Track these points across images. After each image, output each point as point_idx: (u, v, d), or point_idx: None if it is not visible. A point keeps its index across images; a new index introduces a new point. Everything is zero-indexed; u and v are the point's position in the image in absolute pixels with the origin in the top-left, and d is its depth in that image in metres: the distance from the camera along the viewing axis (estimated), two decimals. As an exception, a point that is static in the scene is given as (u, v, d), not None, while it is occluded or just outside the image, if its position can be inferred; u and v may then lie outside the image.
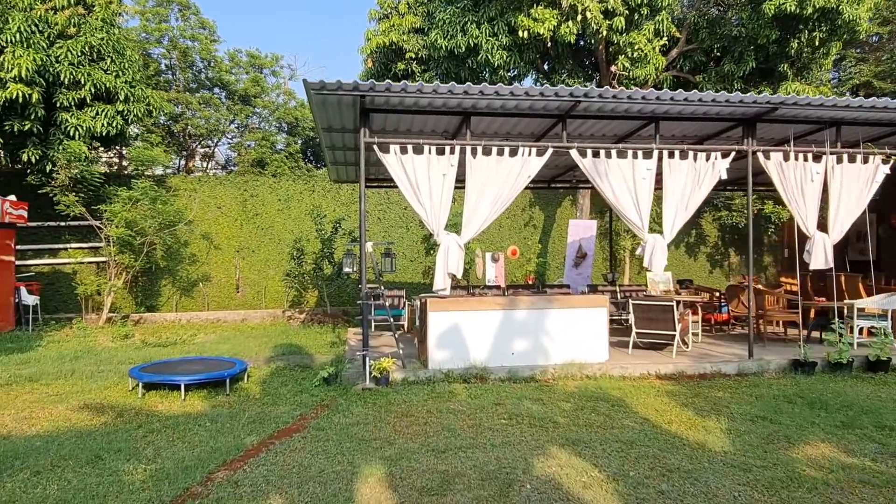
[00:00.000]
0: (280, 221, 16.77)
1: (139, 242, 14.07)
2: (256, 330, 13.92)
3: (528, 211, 18.71)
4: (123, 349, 10.62)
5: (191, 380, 7.13)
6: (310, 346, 10.98)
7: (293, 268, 15.02)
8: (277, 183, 16.91)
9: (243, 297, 16.47)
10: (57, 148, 12.60)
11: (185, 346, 11.19)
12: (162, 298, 15.87)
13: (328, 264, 15.02)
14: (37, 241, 14.99)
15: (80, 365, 8.88)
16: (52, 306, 14.97)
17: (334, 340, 11.55)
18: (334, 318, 14.65)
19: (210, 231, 16.21)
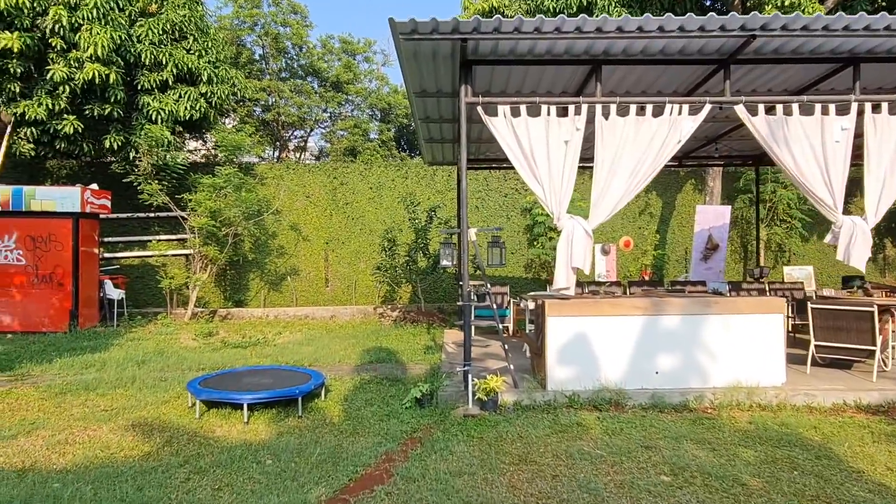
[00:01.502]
0: (371, 211, 15.54)
1: (224, 234, 13.21)
2: (345, 329, 12.71)
3: (643, 197, 16.48)
4: (199, 351, 9.62)
5: (255, 399, 5.81)
6: (402, 350, 9.55)
7: (384, 260, 13.71)
8: (368, 170, 15.68)
9: (333, 291, 15.39)
10: (139, 133, 11.88)
11: (266, 347, 10.07)
12: (250, 293, 15.07)
13: (422, 256, 13.60)
14: (127, 232, 14.54)
15: (145, 371, 7.85)
16: (141, 300, 14.49)
17: (429, 345, 10.06)
18: (429, 316, 13.21)
19: (298, 222, 15.23)
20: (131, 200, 14.32)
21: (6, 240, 11.10)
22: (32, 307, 11.15)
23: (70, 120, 11.08)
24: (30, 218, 11.11)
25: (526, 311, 8.30)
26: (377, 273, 13.74)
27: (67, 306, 11.18)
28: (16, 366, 8.18)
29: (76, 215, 11.18)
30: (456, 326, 12.22)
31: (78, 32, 10.45)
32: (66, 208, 11.02)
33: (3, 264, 11.10)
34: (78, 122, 11.17)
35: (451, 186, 15.72)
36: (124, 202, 14.32)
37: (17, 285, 11.11)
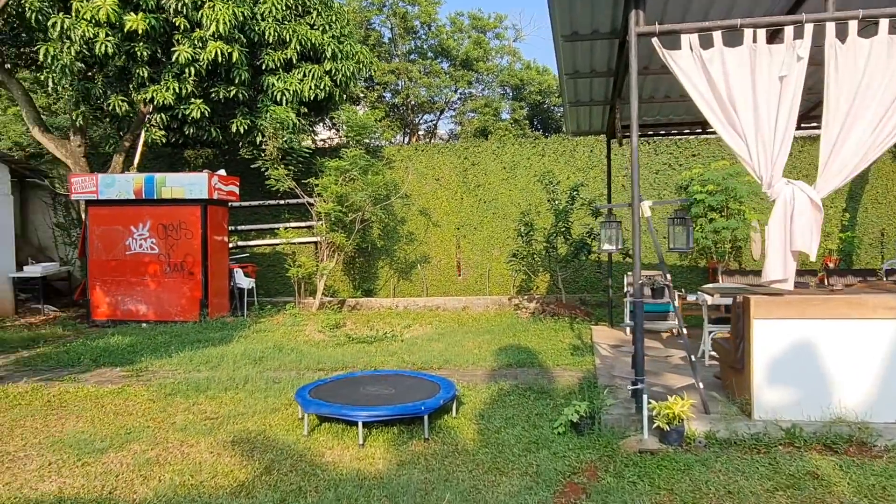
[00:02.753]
0: (505, 192, 14.23)
1: (350, 219, 12.50)
2: (478, 322, 11.53)
3: (828, 169, 13.74)
4: (321, 346, 8.84)
5: (373, 416, 4.70)
6: (544, 351, 8.16)
7: (521, 247, 12.35)
8: (501, 148, 14.36)
9: (465, 280, 14.30)
10: (264, 116, 11.39)
11: (393, 343, 9.11)
12: (379, 282, 14.35)
13: (563, 242, 12.07)
14: (258, 220, 14.34)
15: (259, 370, 7.09)
16: (272, 289, 14.24)
17: (575, 344, 8.59)
18: (570, 309, 11.69)
19: (428, 206, 14.26)
20: (262, 188, 14.06)
21: (140, 228, 11.05)
22: (165, 296, 11.03)
23: (197, 104, 10.77)
24: (161, 206, 10.97)
25: (704, 308, 6.59)
26: (512, 261, 12.42)
27: (198, 295, 10.94)
28: (136, 359, 7.78)
29: (204, 202, 10.88)
30: (604, 322, 10.62)
31: (200, 10, 10.01)
32: (195, 195, 10.75)
33: (137, 253, 11.06)
34: (205, 106, 10.84)
35: (594, 163, 14.01)
36: (255, 190, 14.10)
37: (151, 274, 11.03)
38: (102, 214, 11.16)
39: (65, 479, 4.12)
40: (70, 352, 8.20)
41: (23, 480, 4.12)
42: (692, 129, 10.70)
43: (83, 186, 11.00)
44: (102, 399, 6.07)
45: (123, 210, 11.08)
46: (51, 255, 14.62)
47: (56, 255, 14.64)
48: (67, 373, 7.21)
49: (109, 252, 11.15)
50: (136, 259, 11.08)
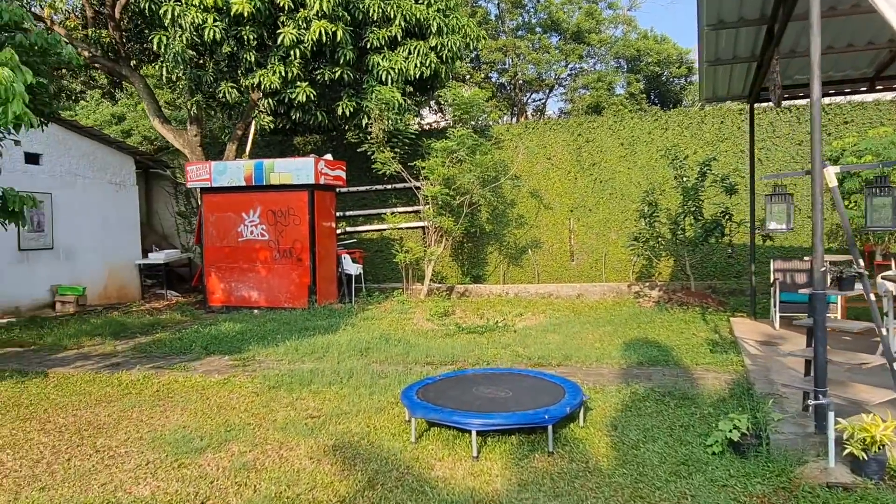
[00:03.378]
0: (622, 171, 13.13)
1: (458, 203, 11.95)
2: (596, 311, 10.65)
3: None
4: (430, 336, 8.35)
5: (489, 425, 4.08)
6: (677, 346, 7.21)
7: (642, 229, 11.27)
8: (619, 123, 13.24)
9: (578, 266, 13.38)
10: (370, 97, 11.03)
11: (505, 334, 8.47)
12: (488, 267, 13.75)
13: (692, 223, 10.86)
14: (366, 205, 14.14)
15: (365, 363, 6.67)
16: (381, 275, 14.03)
17: (713, 339, 7.55)
18: (700, 298, 10.51)
19: (539, 187, 13.44)
20: (369, 173, 13.81)
21: (251, 215, 11.08)
22: (275, 282, 11.02)
23: (302, 87, 10.58)
24: (270, 192, 10.93)
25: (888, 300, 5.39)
26: (633, 245, 11.36)
27: (306, 282, 10.83)
28: (244, 348, 7.64)
29: (311, 187, 10.71)
30: (742, 314, 9.41)
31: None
32: (302, 180, 10.60)
33: (248, 239, 11.11)
34: (310, 89, 10.63)
35: (725, 135, 12.61)
36: (363, 175, 13.89)
37: (262, 261, 11.05)
38: (216, 202, 11.30)
39: (159, 483, 3.82)
40: (183, 339, 8.23)
41: (118, 482, 3.87)
42: (871, 86, 9.09)
43: (198, 174, 11.18)
44: (208, 390, 5.88)
45: (235, 197, 11.15)
46: (173, 243, 15.22)
47: (178, 243, 15.22)
48: (178, 360, 7.16)
49: (223, 239, 11.29)
50: (248, 246, 11.13)
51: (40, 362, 7.29)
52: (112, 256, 12.69)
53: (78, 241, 11.92)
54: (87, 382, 6.31)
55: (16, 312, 10.54)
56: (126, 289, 13.04)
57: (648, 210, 10.99)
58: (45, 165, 11.36)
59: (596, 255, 13.27)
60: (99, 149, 12.55)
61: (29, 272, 10.94)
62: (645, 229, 11.25)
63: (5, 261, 10.53)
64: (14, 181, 10.62)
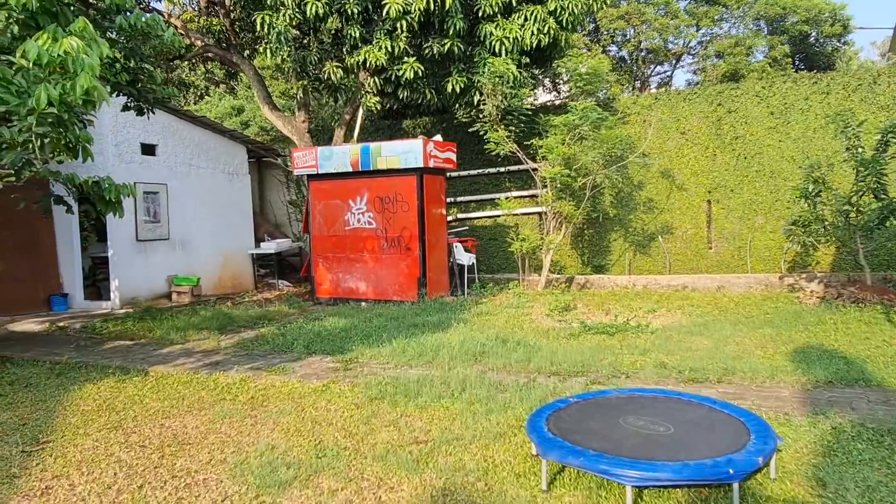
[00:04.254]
0: (772, 145, 11.33)
1: (580, 185, 10.75)
2: (744, 307, 9.15)
3: None
4: (552, 336, 7.32)
5: (650, 480, 3.02)
6: (870, 358, 5.72)
7: (804, 212, 9.53)
8: (768, 89, 11.42)
9: (717, 254, 11.77)
10: (481, 70, 10.07)
11: (639, 336, 7.28)
12: (612, 256, 12.44)
13: (866, 203, 9.00)
14: (478, 190, 13.25)
15: (479, 370, 5.77)
16: (494, 265, 13.11)
17: (918, 349, 5.97)
18: (880, 294, 8.68)
19: (671, 166, 11.93)
20: (481, 155, 12.91)
21: (358, 202, 10.50)
22: (383, 273, 10.39)
23: (409, 62, 9.80)
24: (377, 177, 10.29)
25: None
26: (792, 230, 9.65)
27: (415, 273, 10.11)
28: (348, 347, 6.98)
29: (420, 171, 9.95)
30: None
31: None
32: (410, 164, 9.85)
33: (356, 228, 10.55)
34: (418, 65, 9.84)
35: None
36: (474, 158, 13.00)
37: (369, 250, 10.46)
38: (322, 189, 10.84)
39: (233, 531, 3.12)
40: (286, 335, 7.72)
41: (188, 523, 3.21)
42: None
43: (304, 161, 10.75)
44: (304, 399, 5.22)
45: (341, 183, 10.63)
46: (285, 232, 15.13)
47: (290, 232, 15.11)
48: (278, 360, 6.62)
49: (330, 227, 10.82)
50: (355, 234, 10.59)
51: (144, 358, 7.02)
52: (226, 246, 12.66)
53: (193, 232, 11.94)
54: (183, 384, 5.88)
55: (135, 303, 10.64)
56: (240, 278, 13.00)
57: (813, 189, 9.23)
58: (160, 156, 11.40)
59: (738, 243, 11.60)
60: (212, 138, 12.51)
61: (146, 263, 11.03)
62: (806, 211, 9.52)
63: (124, 252, 10.64)
64: (132, 172, 10.74)
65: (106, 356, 7.26)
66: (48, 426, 4.87)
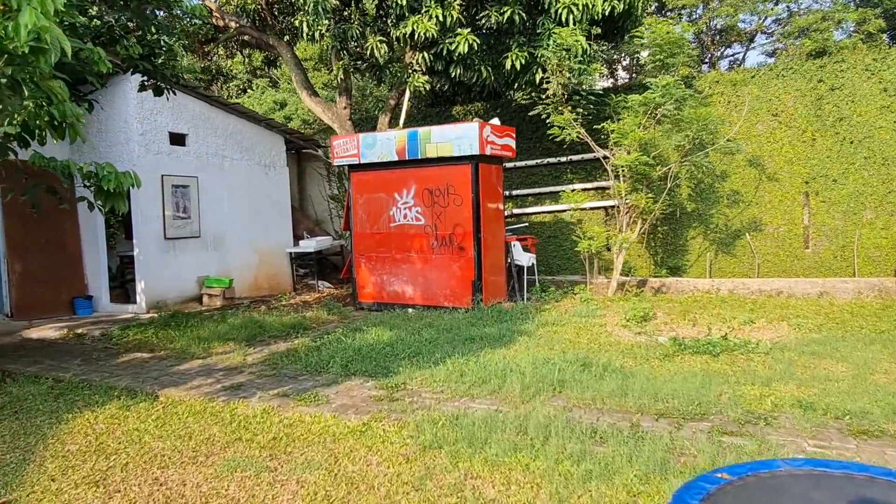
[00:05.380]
0: (885, 127, 9.68)
1: (659, 174, 9.35)
2: (863, 318, 7.65)
3: None
4: (639, 358, 5.99)
5: None
6: None
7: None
8: (881, 61, 9.76)
9: (816, 255, 10.18)
10: (545, 43, 8.77)
11: (752, 357, 5.88)
12: (689, 257, 10.97)
13: None
14: (536, 182, 11.94)
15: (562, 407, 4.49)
16: (554, 265, 11.78)
17: None
18: None
19: (760, 154, 10.38)
20: (539, 143, 11.62)
21: (404, 195, 9.34)
22: (432, 276, 9.20)
23: (463, 34, 8.58)
24: (426, 167, 9.09)
25: None
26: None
27: (469, 276, 8.89)
28: (394, 368, 5.80)
29: (475, 159, 8.71)
30: None
31: None
32: (463, 151, 8.62)
33: (402, 224, 9.39)
34: (473, 37, 8.61)
35: None
36: (532, 146, 11.71)
37: (417, 250, 9.28)
38: (365, 181, 9.71)
39: None
40: (322, 350, 6.60)
41: None
42: None
43: (345, 149, 9.64)
44: (338, 445, 4.06)
45: (386, 174, 9.48)
46: (326, 229, 14.12)
47: (331, 229, 14.09)
48: (311, 384, 5.49)
49: (373, 224, 9.68)
50: (401, 232, 9.43)
51: (157, 377, 5.99)
52: (262, 244, 11.69)
53: (226, 229, 10.99)
54: (194, 415, 4.79)
55: (162, 306, 9.73)
56: (277, 279, 12.02)
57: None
58: (190, 146, 10.46)
59: (842, 241, 9.99)
60: (247, 127, 11.53)
61: (175, 263, 10.11)
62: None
63: (151, 251, 9.75)
64: (159, 163, 9.84)
65: (116, 373, 6.28)
66: (18, 475, 3.85)
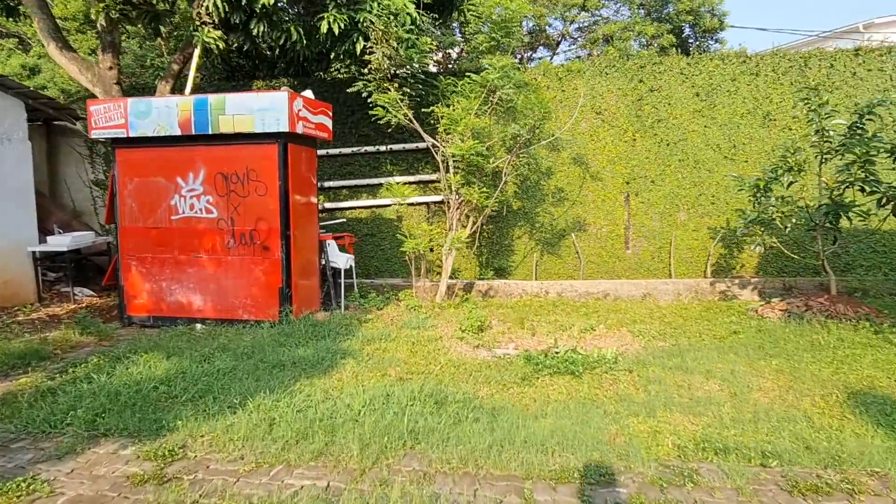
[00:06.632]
0: (697, 130, 9.85)
1: (493, 167, 8.48)
2: (696, 322, 7.44)
3: None
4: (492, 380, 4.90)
5: None
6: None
7: (753, 211, 7.97)
8: (694, 66, 9.92)
9: (635, 255, 10.10)
10: (369, 5, 7.38)
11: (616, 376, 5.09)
12: (515, 257, 10.33)
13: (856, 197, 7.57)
14: (352, 173, 10.50)
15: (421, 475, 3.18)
16: (371, 267, 10.44)
17: None
18: (853, 306, 7.30)
19: (584, 152, 10.05)
20: (356, 128, 10.22)
21: (191, 180, 7.36)
22: (229, 282, 7.35)
23: (269, -19, 6.86)
24: (220, 145, 7.22)
25: None
26: (748, 232, 8.06)
27: (276, 282, 7.20)
28: (168, 421, 4.01)
29: (283, 138, 7.06)
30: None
31: None
32: (268, 127, 6.92)
33: (187, 217, 7.39)
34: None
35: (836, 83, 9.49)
36: (347, 131, 10.27)
37: (209, 249, 7.36)
38: (137, 160, 7.51)
39: None
40: (59, 395, 4.54)
41: None
42: None
43: (107, 118, 7.36)
44: None
45: (166, 153, 7.40)
46: (89, 223, 11.30)
47: (95, 223, 11.31)
48: (30, 458, 3.54)
49: (148, 216, 7.53)
50: (187, 226, 7.42)
51: None
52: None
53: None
54: None
55: None
56: (12, 286, 9.13)
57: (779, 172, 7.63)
58: None
59: (659, 242, 10.01)
60: (-37, 84, 8.55)
61: None
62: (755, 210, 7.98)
63: None
64: None
65: None
66: None
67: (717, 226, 9.75)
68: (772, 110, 9.64)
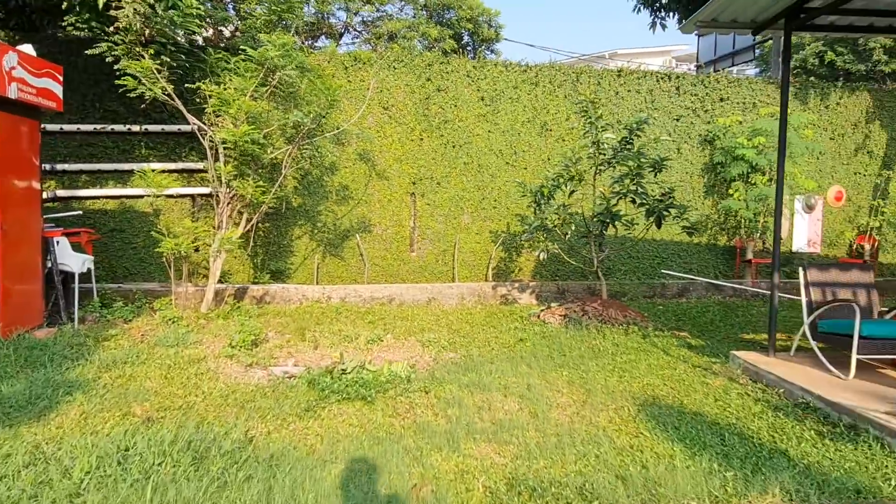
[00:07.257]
0: (481, 134, 9.89)
1: (271, 159, 7.50)
2: (483, 328, 7.31)
3: (861, 128, 11.25)
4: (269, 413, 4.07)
5: None
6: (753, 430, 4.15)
7: (536, 217, 8.11)
8: (480, 70, 9.93)
9: (420, 258, 9.84)
10: (116, -51, 5.97)
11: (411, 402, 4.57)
12: (294, 259, 9.41)
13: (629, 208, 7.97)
14: (95, 156, 8.66)
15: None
16: (120, 269, 8.73)
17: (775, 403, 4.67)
18: (622, 310, 7.72)
19: (370, 148, 9.52)
20: (101, 102, 8.47)
21: None
22: None
23: None
24: None
25: None
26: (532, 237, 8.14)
27: (-26, 292, 5.46)
28: None
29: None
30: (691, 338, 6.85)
31: None
32: (-35, 87, 5.20)
33: None
34: None
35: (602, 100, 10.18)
36: (88, 104, 8.47)
37: None
38: None
39: None
40: None
41: None
42: None
43: None
44: None
45: None
46: None
47: None
48: None
49: None
50: None
51: None
52: None
53: None
54: None
55: None
56: None
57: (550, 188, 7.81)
58: None
59: (443, 245, 9.86)
60: None
61: None
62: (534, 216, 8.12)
63: None
64: None
65: None
66: None
67: (499, 230, 9.88)
68: (549, 120, 10.02)
